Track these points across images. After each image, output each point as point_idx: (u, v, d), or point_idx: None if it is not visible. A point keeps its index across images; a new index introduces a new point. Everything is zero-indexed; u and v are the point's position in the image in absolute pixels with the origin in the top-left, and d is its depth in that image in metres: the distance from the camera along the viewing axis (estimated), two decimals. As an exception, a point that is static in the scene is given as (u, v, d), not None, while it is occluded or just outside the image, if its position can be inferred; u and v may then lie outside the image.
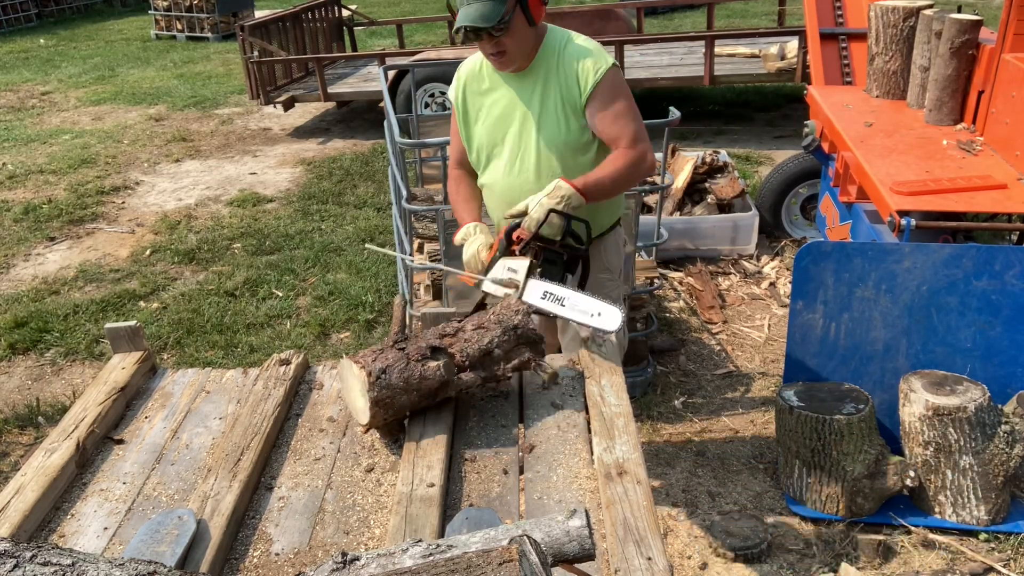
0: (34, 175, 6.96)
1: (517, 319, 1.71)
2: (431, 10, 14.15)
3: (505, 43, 2.17)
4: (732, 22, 11.23)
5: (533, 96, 2.29)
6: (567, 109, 2.27)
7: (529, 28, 2.20)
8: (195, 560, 1.28)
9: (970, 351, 2.82)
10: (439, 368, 1.58)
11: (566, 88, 2.26)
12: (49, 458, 1.54)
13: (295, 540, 1.36)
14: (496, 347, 1.66)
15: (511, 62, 2.25)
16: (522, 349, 1.70)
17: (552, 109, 2.28)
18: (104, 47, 12.90)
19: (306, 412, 1.73)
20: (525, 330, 1.70)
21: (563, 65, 2.26)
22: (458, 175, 2.51)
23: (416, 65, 5.68)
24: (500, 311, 1.74)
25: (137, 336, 1.92)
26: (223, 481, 1.44)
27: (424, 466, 1.46)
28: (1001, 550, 2.64)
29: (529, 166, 2.32)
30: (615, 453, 1.47)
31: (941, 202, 2.88)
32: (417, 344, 1.63)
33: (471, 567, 0.91)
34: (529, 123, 2.30)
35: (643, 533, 1.27)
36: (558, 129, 2.28)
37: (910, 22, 3.69)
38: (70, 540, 1.38)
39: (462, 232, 2.27)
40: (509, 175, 2.35)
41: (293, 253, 5.16)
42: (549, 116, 2.28)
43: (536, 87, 2.28)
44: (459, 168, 2.51)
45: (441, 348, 1.63)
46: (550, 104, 2.28)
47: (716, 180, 4.93)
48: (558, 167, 2.29)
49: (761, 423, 3.37)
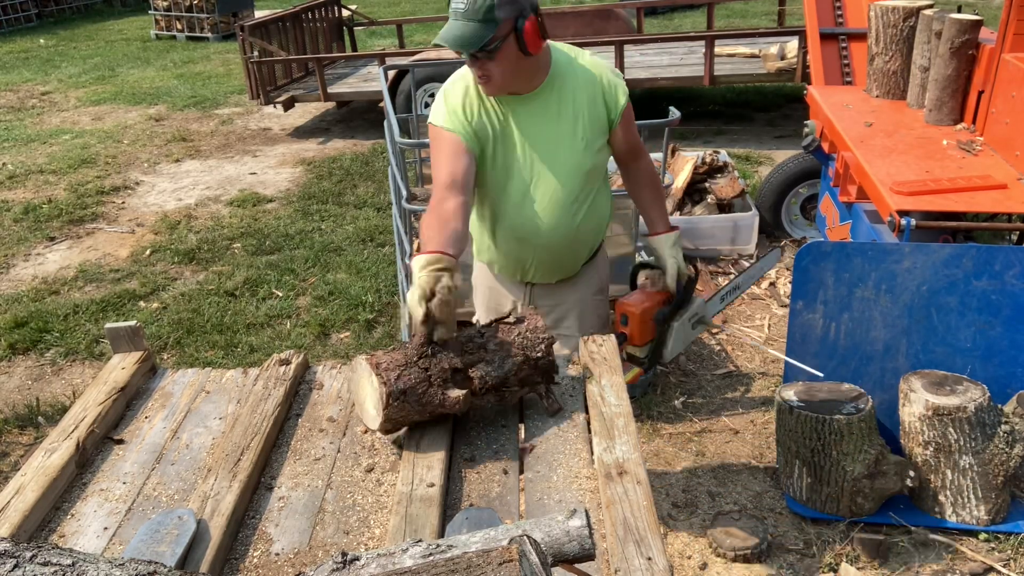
0: (34, 175, 6.97)
1: (541, 350, 1.67)
2: (431, 10, 14.15)
3: (490, 68, 1.97)
4: (732, 22, 11.23)
5: (546, 122, 2.10)
6: (591, 130, 2.12)
7: (524, 58, 1.97)
8: (195, 560, 1.28)
9: (970, 351, 2.82)
10: (458, 401, 1.56)
11: (590, 108, 2.11)
12: (49, 458, 1.54)
13: (295, 540, 1.36)
14: (514, 374, 1.64)
15: (495, 90, 2.04)
16: (536, 377, 1.68)
17: (571, 133, 2.10)
18: (104, 47, 12.90)
19: (306, 412, 1.73)
20: (546, 360, 1.68)
21: (580, 85, 2.10)
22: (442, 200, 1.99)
23: (416, 65, 5.69)
24: (526, 335, 1.69)
25: (137, 336, 1.92)
26: (223, 481, 1.44)
27: (424, 466, 1.46)
28: (1001, 550, 2.64)
29: (546, 196, 2.14)
30: (615, 453, 1.47)
31: (941, 202, 2.88)
32: (440, 365, 1.57)
33: (471, 567, 0.91)
34: (546, 150, 2.11)
35: (643, 533, 1.27)
36: (579, 154, 2.12)
37: (910, 22, 3.69)
38: (70, 540, 1.38)
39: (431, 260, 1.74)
40: (522, 207, 2.16)
41: (293, 253, 5.16)
42: (568, 141, 2.11)
43: (548, 111, 2.09)
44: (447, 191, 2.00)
45: (463, 371, 1.60)
46: (567, 128, 2.10)
47: (716, 180, 4.93)
48: (579, 195, 2.16)
49: (761, 423, 3.38)
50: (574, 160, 2.13)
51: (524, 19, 1.91)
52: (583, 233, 2.26)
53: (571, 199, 2.15)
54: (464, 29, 1.89)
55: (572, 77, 2.10)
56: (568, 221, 2.19)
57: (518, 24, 1.91)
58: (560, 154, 2.12)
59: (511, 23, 1.91)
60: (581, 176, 2.15)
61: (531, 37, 1.94)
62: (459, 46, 1.90)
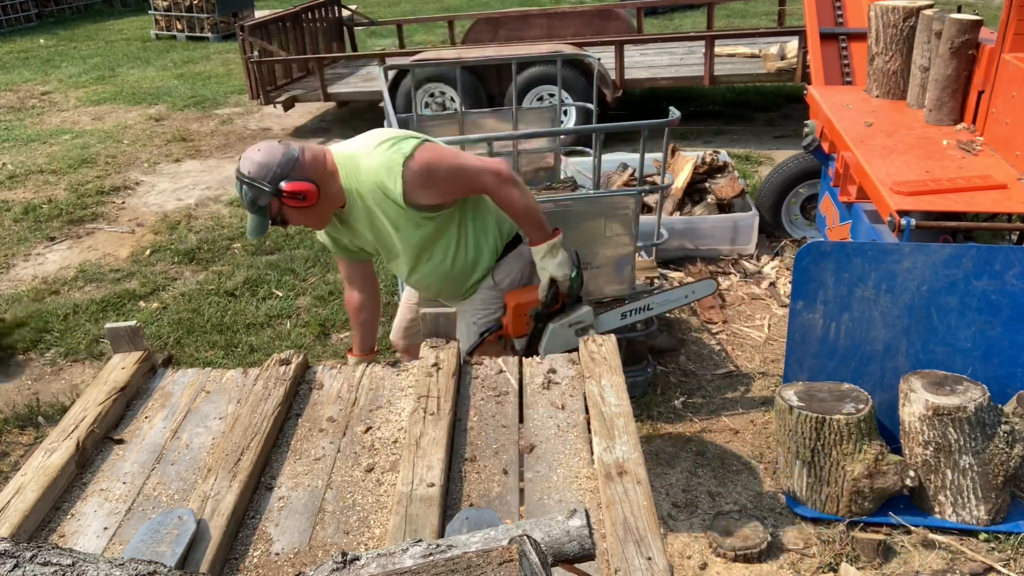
0: (34, 175, 6.96)
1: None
2: (431, 10, 14.15)
3: (297, 223, 2.29)
4: (732, 22, 11.23)
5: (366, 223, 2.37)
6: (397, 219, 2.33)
7: (311, 205, 2.24)
8: (195, 560, 1.28)
9: (970, 351, 2.82)
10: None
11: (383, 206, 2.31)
12: (49, 458, 1.54)
13: (295, 540, 1.36)
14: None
15: (319, 227, 2.40)
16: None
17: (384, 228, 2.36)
18: (104, 47, 12.90)
19: (306, 412, 1.73)
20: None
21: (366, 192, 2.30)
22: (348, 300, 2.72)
23: (416, 65, 5.68)
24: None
25: (137, 336, 1.92)
26: (223, 481, 1.44)
27: (424, 466, 1.46)
28: (1001, 550, 2.64)
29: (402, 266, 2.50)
30: (615, 453, 1.47)
31: (941, 202, 2.88)
32: None
33: (471, 567, 0.91)
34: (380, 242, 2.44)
35: (643, 533, 1.27)
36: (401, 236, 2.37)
37: (910, 22, 3.69)
38: (70, 540, 1.38)
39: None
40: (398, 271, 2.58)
41: (293, 253, 5.16)
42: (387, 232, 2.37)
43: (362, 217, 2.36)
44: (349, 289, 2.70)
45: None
46: (380, 224, 2.35)
47: (716, 180, 4.93)
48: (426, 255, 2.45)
49: (761, 423, 3.38)
50: (400, 241, 2.39)
51: (279, 194, 2.18)
52: (456, 272, 2.52)
53: (423, 262, 2.46)
54: (253, 221, 2.24)
55: (360, 186, 2.30)
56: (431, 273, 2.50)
57: (280, 199, 2.20)
58: (387, 241, 2.42)
59: (275, 201, 2.20)
60: (414, 248, 2.42)
61: (295, 200, 2.20)
62: (255, 236, 2.26)
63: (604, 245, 3.22)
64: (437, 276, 2.52)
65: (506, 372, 1.81)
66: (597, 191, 3.30)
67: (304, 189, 2.19)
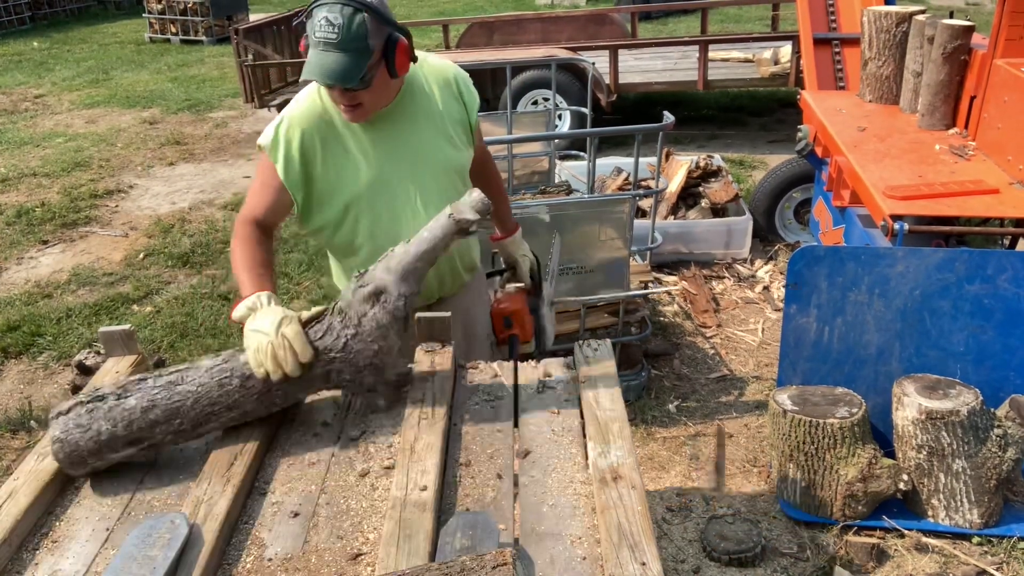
0: (27, 178, 6.94)
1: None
2: (426, 14, 14.17)
3: (363, 97, 1.84)
4: (726, 27, 11.27)
5: (411, 134, 1.98)
6: (455, 133, 2.03)
7: (392, 80, 1.87)
8: (188, 564, 1.27)
9: (963, 355, 2.83)
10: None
11: (449, 111, 2.02)
12: (42, 462, 1.53)
13: (288, 545, 1.35)
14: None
15: (365, 116, 1.91)
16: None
17: (436, 139, 2.00)
18: (98, 50, 12.87)
19: (300, 416, 1.72)
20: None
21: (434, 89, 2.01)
22: (252, 235, 1.94)
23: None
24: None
25: (131, 339, 1.92)
26: (216, 485, 1.44)
27: (418, 470, 1.46)
28: (994, 553, 2.65)
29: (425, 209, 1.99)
30: (610, 457, 1.46)
31: (934, 206, 2.90)
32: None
33: (465, 570, 0.91)
34: (414, 163, 1.99)
35: (637, 538, 1.27)
36: (449, 158, 2.02)
37: (903, 27, 3.71)
38: (63, 544, 1.37)
39: (249, 302, 1.71)
40: (396, 226, 2.00)
41: (287, 257, 5.16)
42: (436, 148, 2.00)
43: (406, 122, 1.98)
44: (254, 227, 1.96)
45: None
46: (431, 135, 2.00)
47: (710, 184, 4.95)
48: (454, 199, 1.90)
49: (755, 427, 3.38)
50: (450, 163, 2.03)
51: (394, 43, 1.81)
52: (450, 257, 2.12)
53: (432, 206, 1.97)
54: (338, 62, 1.74)
55: (423, 79, 2.01)
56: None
57: (388, 49, 1.81)
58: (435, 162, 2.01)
59: (382, 49, 1.80)
60: (458, 178, 2.06)
61: (402, 60, 1.84)
62: (337, 81, 1.75)
63: (598, 249, 3.23)
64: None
65: (501, 377, 1.81)
66: (591, 195, 3.31)
67: (409, 55, 1.86)
